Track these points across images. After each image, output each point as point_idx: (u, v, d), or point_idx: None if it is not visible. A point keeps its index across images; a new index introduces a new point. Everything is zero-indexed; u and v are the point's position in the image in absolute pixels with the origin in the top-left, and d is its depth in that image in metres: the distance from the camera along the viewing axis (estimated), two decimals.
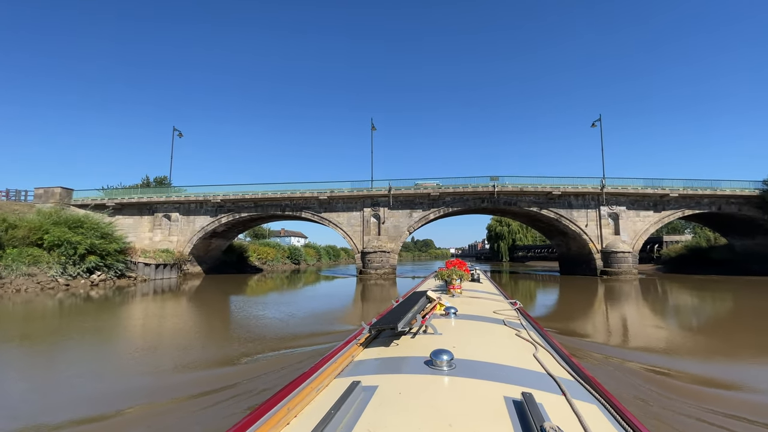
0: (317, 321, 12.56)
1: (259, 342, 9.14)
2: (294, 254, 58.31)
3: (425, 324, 2.44)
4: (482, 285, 6.00)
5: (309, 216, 31.72)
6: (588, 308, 15.69)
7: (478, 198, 31.03)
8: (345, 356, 2.00)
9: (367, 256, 30.21)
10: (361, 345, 2.23)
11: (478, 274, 6.74)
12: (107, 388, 6.02)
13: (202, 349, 8.55)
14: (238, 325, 12.16)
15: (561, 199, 31.06)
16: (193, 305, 17.39)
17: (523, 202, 30.92)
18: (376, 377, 1.69)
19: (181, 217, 32.17)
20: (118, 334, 10.95)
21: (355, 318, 13.20)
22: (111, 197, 31.95)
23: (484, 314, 3.25)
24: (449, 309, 3.02)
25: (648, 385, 5.73)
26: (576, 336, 9.47)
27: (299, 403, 1.41)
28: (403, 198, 31.40)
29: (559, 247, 35.81)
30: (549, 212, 30.91)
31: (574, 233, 31.49)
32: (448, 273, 4.74)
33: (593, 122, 34.02)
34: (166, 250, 30.32)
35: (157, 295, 21.08)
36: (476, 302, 4.07)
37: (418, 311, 2.63)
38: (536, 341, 2.42)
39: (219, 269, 37.25)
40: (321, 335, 9.75)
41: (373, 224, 31.30)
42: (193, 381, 6.19)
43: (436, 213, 31.30)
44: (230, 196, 31.21)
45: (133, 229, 32.29)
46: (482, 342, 2.34)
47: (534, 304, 17.25)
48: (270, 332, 10.65)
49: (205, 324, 12.55)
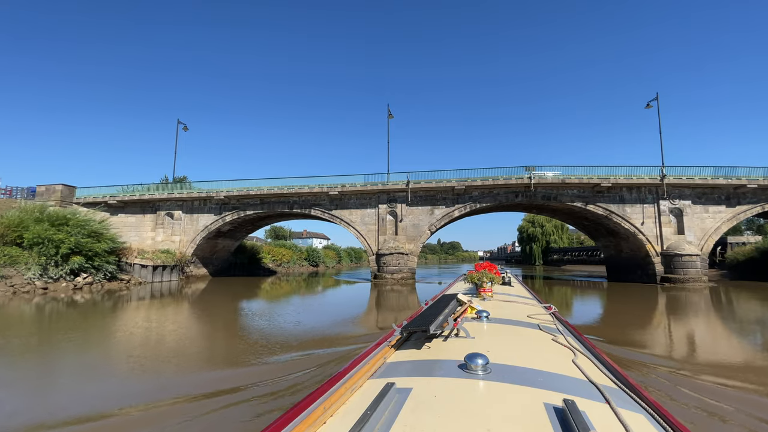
0: (310, 340, 9.19)
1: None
2: (312, 256, 55.70)
3: (457, 327, 2.38)
4: (514, 288, 5.72)
5: (318, 214, 28.63)
6: (647, 323, 12.48)
7: (510, 192, 26.85)
8: (377, 357, 1.99)
9: (382, 259, 26.72)
10: (392, 347, 2.21)
11: (509, 277, 6.47)
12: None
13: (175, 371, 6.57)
14: (204, 348, 9.05)
15: (611, 192, 26.36)
16: (183, 312, 14.77)
17: (564, 196, 26.46)
18: (409, 379, 1.66)
19: (185, 215, 29.94)
20: (82, 348, 8.68)
21: (365, 339, 9.76)
22: (113, 195, 30.15)
23: (518, 318, 3.17)
24: (481, 312, 2.97)
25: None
26: (636, 351, 7.73)
27: (335, 403, 1.42)
28: (423, 193, 27.71)
29: (607, 249, 30.86)
30: (596, 208, 26.28)
31: (626, 232, 26.67)
32: (478, 276, 4.59)
33: (648, 102, 29.01)
34: (167, 251, 28.07)
35: (152, 299, 18.85)
36: (509, 306, 3.92)
37: (449, 314, 2.60)
38: (575, 347, 2.30)
39: (227, 271, 34.88)
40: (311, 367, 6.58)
41: (390, 222, 27.79)
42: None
43: (461, 210, 27.39)
44: (234, 192, 28.63)
45: (135, 229, 30.40)
46: (517, 346, 2.30)
47: (574, 314, 14.39)
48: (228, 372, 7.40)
49: (184, 337, 9.92)
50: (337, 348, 8.36)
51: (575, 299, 21.61)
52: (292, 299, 20.61)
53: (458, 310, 2.86)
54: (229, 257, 35.29)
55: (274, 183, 28.55)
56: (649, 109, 29.13)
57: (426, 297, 6.08)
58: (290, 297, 22.00)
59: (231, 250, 35.08)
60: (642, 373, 6.15)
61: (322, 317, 14.00)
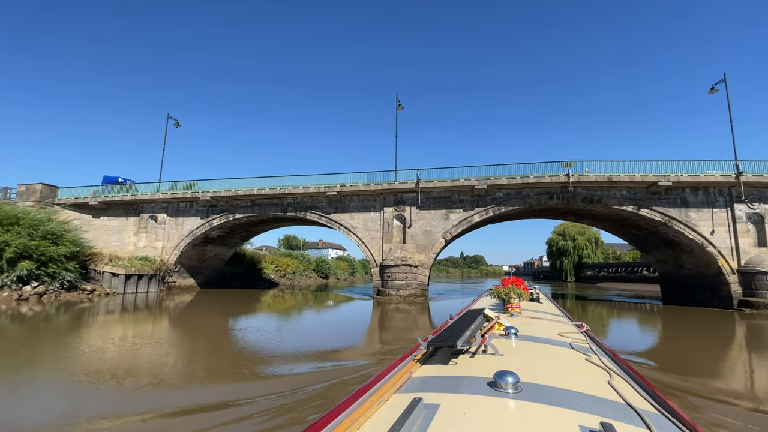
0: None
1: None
2: (321, 267, 51.94)
3: (485, 343, 2.32)
4: (543, 305, 5.50)
5: (315, 217, 24.83)
6: (723, 362, 9.80)
7: (543, 193, 22.20)
8: (403, 372, 1.94)
9: (386, 271, 22.51)
10: (417, 361, 2.15)
11: (538, 293, 6.17)
12: None
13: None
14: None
15: (670, 193, 21.29)
16: (151, 332, 12.05)
17: (610, 198, 21.58)
18: (437, 395, 1.63)
19: (169, 218, 26.85)
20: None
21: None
22: (95, 196, 27.49)
23: (548, 336, 3.03)
24: (509, 329, 2.83)
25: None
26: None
27: (361, 416, 1.40)
28: (436, 194, 23.46)
29: (663, 264, 25.42)
30: (652, 213, 21.22)
31: (690, 244, 21.41)
32: (505, 291, 4.51)
33: (712, 86, 23.85)
34: (145, 258, 24.91)
35: (121, 314, 16.23)
36: (538, 323, 3.79)
37: (476, 329, 2.58)
38: (610, 368, 2.16)
39: (220, 282, 31.47)
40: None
41: (397, 228, 23.63)
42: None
43: (482, 214, 22.92)
44: (222, 192, 25.31)
45: (118, 233, 27.54)
46: (549, 366, 2.21)
47: (619, 342, 11.80)
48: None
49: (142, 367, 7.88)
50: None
51: (619, 323, 17.50)
52: (269, 320, 16.66)
53: (485, 326, 2.85)
54: (221, 267, 31.93)
55: (265, 182, 25.07)
56: (714, 93, 23.94)
57: (441, 321, 5.12)
58: (270, 316, 18.08)
59: (224, 258, 31.73)
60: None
61: (292, 351, 9.94)
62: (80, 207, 28.11)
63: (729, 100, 23.38)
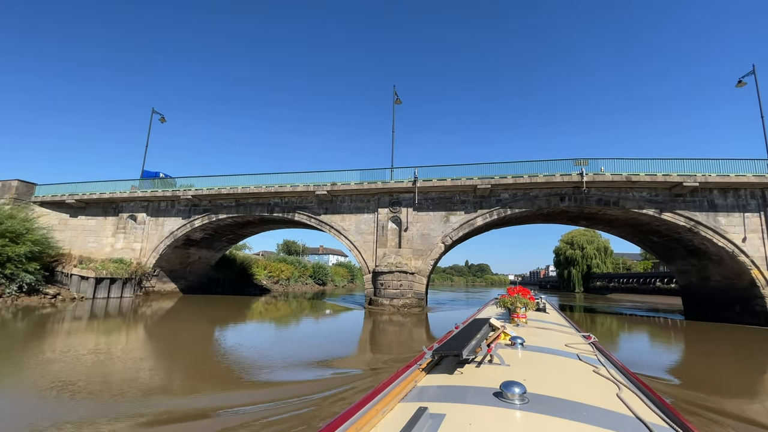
0: None
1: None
2: (318, 273, 49.88)
3: (491, 353, 2.29)
4: (549, 315, 5.35)
5: (303, 219, 22.89)
6: (759, 387, 8.39)
7: (554, 194, 20.11)
8: (408, 380, 1.91)
9: (379, 278, 20.45)
10: (422, 370, 2.13)
11: (544, 303, 5.95)
12: None
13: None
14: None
15: (696, 195, 19.11)
16: (107, 344, 10.62)
17: (628, 200, 19.42)
18: (442, 405, 1.61)
19: (149, 218, 25.07)
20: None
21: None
22: (72, 193, 25.82)
23: (555, 347, 2.99)
24: (515, 339, 2.81)
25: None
26: None
27: (365, 425, 1.39)
28: (435, 194, 21.46)
29: (686, 275, 23.06)
30: (676, 217, 19.02)
31: (718, 252, 19.15)
32: (511, 300, 4.51)
33: (740, 79, 21.72)
34: (119, 260, 23.10)
35: (85, 321, 14.70)
36: (544, 333, 3.74)
37: (482, 339, 2.54)
38: (618, 380, 2.12)
39: (205, 288, 29.56)
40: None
41: (392, 231, 21.61)
42: None
43: (485, 217, 20.85)
44: (204, 191, 23.49)
45: (95, 233, 25.81)
46: (556, 377, 2.17)
47: (639, 362, 10.06)
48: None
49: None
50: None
51: (638, 340, 15.69)
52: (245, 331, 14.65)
53: (491, 336, 2.81)
54: (207, 271, 30.03)
55: (251, 181, 23.23)
56: (742, 87, 21.82)
57: (439, 332, 5.67)
58: (246, 325, 16.09)
59: (210, 262, 29.84)
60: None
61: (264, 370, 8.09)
62: (58, 205, 26.48)
63: (759, 94, 21.23)
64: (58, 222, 26.47)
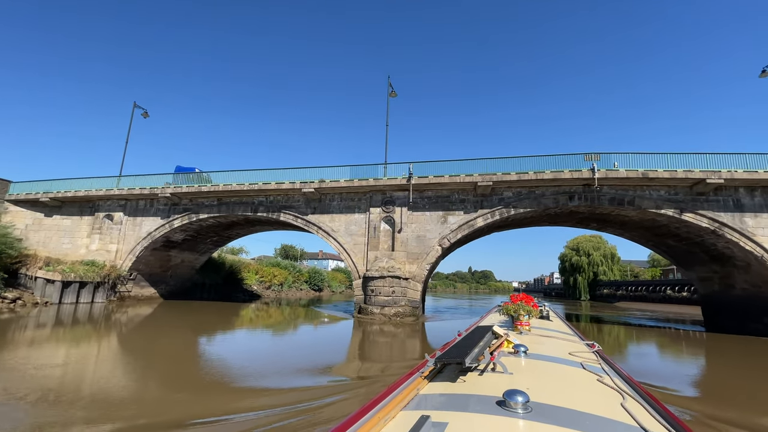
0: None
1: None
2: (314, 279, 48.05)
3: (494, 361, 2.26)
4: (552, 323, 5.23)
5: (289, 219, 21.17)
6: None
7: (562, 192, 18.30)
8: (410, 388, 1.89)
9: (370, 284, 18.64)
10: (425, 378, 2.10)
11: (547, 310, 5.91)
12: None
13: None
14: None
15: (720, 193, 17.25)
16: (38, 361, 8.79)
17: (645, 199, 17.58)
18: (444, 413, 1.58)
19: (126, 218, 23.46)
20: None
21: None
22: (46, 191, 24.29)
23: (559, 355, 2.93)
24: (518, 347, 2.72)
25: None
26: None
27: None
28: (432, 192, 19.71)
29: (707, 283, 21.06)
30: (698, 218, 17.15)
31: (746, 257, 17.23)
32: (514, 308, 4.30)
33: (764, 69, 19.92)
34: (91, 262, 21.44)
35: (49, 329, 13.27)
36: (548, 341, 3.67)
37: (485, 346, 2.49)
38: (623, 389, 2.09)
39: (189, 293, 27.81)
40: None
41: (385, 233, 19.84)
42: None
43: (486, 217, 19.05)
44: (184, 189, 21.86)
45: (70, 234, 24.23)
46: (559, 386, 2.13)
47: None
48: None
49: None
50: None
51: (659, 356, 13.53)
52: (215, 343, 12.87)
53: (494, 343, 2.75)
54: (192, 275, 28.32)
55: (233, 178, 21.59)
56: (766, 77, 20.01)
57: (434, 346, 5.41)
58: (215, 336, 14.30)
59: (194, 266, 28.14)
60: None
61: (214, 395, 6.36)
62: (32, 204, 24.96)
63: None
64: (33, 222, 24.95)
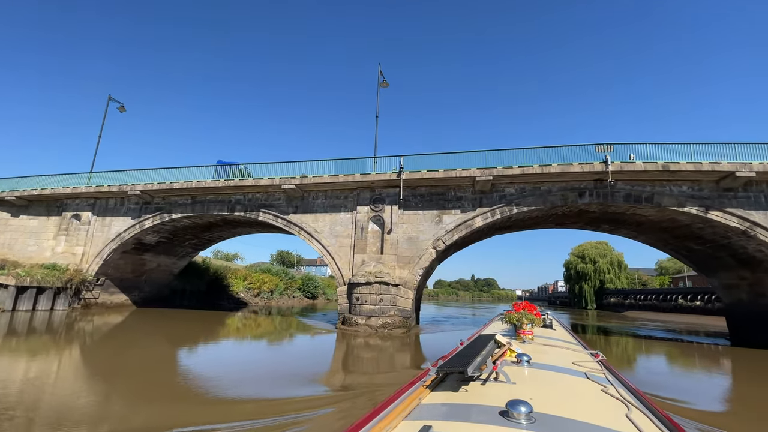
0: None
1: None
2: (308, 286, 46.00)
3: (496, 370, 2.22)
4: (556, 332, 5.14)
5: (269, 219, 19.23)
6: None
7: (571, 188, 16.30)
8: (411, 398, 1.87)
9: (355, 291, 16.62)
10: (427, 387, 2.07)
11: (551, 319, 5.85)
12: None
13: None
14: None
15: (750, 189, 15.21)
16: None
17: (665, 195, 15.54)
18: (447, 423, 1.56)
19: (95, 218, 21.62)
20: None
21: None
22: (12, 189, 22.53)
23: (562, 365, 2.88)
24: (521, 356, 2.69)
25: None
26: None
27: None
28: (425, 188, 17.76)
29: (733, 291, 18.88)
30: (725, 216, 15.08)
31: None
32: (517, 316, 4.23)
33: None
34: (53, 266, 19.55)
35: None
36: (551, 351, 3.62)
37: (487, 356, 2.47)
38: (628, 400, 2.06)
39: (166, 301, 25.84)
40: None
41: (373, 234, 17.86)
42: None
43: (486, 217, 17.05)
44: (155, 186, 20.00)
45: (36, 236, 22.39)
46: (563, 396, 2.11)
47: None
48: None
49: None
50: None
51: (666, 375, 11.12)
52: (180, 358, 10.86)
53: (497, 352, 2.72)
54: (170, 281, 26.36)
55: (208, 173, 19.72)
56: None
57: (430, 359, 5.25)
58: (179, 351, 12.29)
59: (173, 271, 26.19)
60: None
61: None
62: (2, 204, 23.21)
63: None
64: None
